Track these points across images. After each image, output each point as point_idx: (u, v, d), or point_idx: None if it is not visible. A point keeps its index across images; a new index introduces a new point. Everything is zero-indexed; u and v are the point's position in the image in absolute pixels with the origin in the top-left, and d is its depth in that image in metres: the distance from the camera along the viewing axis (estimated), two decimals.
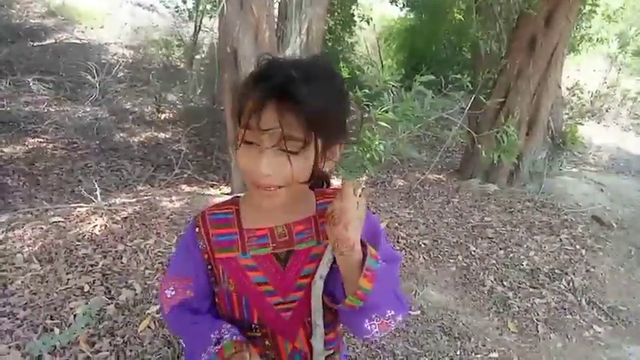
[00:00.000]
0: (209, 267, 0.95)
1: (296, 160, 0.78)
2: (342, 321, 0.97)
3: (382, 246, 0.94)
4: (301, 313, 0.94)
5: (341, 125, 0.86)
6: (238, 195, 1.03)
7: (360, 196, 0.85)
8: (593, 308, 3.15)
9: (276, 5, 4.42)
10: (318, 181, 0.99)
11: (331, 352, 0.99)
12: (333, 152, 0.87)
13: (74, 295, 2.58)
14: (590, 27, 7.93)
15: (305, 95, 0.74)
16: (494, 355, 2.60)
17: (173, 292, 0.96)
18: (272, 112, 0.75)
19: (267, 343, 0.96)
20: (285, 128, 0.75)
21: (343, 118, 0.86)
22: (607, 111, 9.02)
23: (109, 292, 2.66)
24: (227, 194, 4.23)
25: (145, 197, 3.95)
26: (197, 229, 0.94)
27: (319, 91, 0.76)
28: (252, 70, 0.84)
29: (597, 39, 8.10)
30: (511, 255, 3.74)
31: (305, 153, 0.78)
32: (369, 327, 0.88)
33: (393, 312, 0.89)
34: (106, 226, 3.34)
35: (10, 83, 6.13)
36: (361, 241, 0.85)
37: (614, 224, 4.50)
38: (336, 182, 0.99)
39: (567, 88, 8.09)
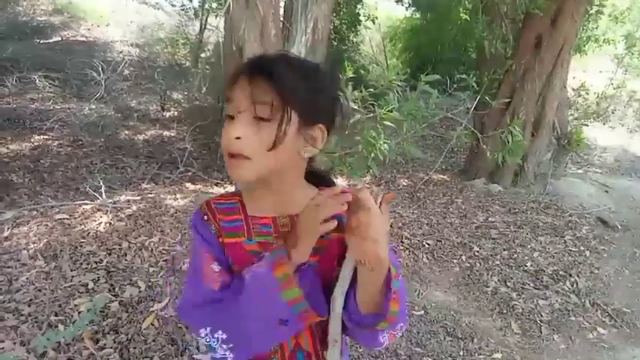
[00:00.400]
0: (224, 250, 0.94)
1: (264, 128, 0.82)
2: (353, 335, 0.95)
3: (390, 253, 0.93)
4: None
5: (321, 105, 0.88)
6: (238, 190, 1.04)
7: (381, 204, 0.79)
8: (597, 310, 3.14)
9: (282, 4, 4.42)
10: (319, 180, 1.01)
11: None
12: (313, 136, 0.88)
13: (78, 292, 2.60)
14: (596, 28, 7.89)
15: (277, 69, 0.81)
16: (498, 355, 2.60)
17: (220, 267, 0.92)
18: (245, 82, 0.82)
19: None
20: (255, 94, 0.81)
21: (322, 102, 0.88)
22: (613, 112, 8.97)
23: (113, 289, 2.67)
24: None
25: (150, 195, 3.96)
26: (205, 217, 0.95)
27: (294, 69, 0.83)
28: None
29: (604, 40, 8.06)
30: (515, 256, 3.72)
31: (274, 124, 0.82)
32: (381, 339, 0.90)
33: (402, 324, 0.91)
34: (110, 223, 3.35)
35: (16, 80, 6.16)
36: None
37: (618, 226, 4.48)
38: (340, 182, 0.99)
39: (573, 89, 8.05)
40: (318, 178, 1.01)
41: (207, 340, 0.87)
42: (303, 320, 0.86)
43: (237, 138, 0.82)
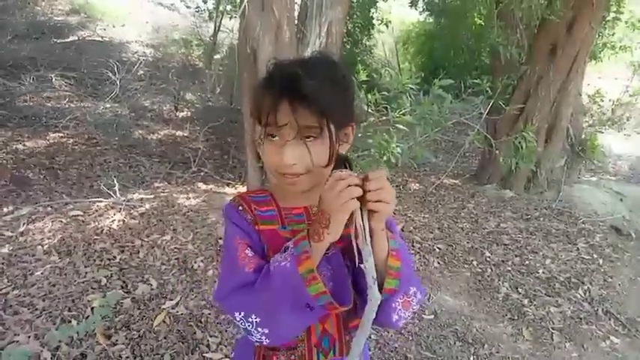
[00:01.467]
0: (260, 237, 0.98)
1: (314, 146, 0.89)
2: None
3: (394, 228, 1.03)
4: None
5: (348, 108, 0.95)
6: (263, 187, 1.09)
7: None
8: (610, 319, 3.11)
9: (297, 7, 4.43)
10: (341, 164, 1.03)
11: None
12: (346, 135, 0.97)
13: (92, 287, 2.63)
14: (613, 34, 7.80)
15: (312, 88, 0.83)
16: None
17: (252, 253, 0.95)
18: (285, 108, 0.85)
19: None
20: (300, 120, 0.85)
21: (349, 101, 0.95)
22: (628, 120, 8.85)
23: (126, 286, 2.70)
24: None
25: (162, 194, 4.00)
26: (240, 208, 1.00)
27: (324, 83, 0.86)
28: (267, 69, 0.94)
29: (620, 47, 7.97)
30: (527, 262, 3.70)
31: (321, 139, 0.89)
32: (394, 305, 0.93)
33: (415, 289, 0.96)
34: (123, 221, 3.38)
35: (33, 79, 6.24)
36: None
37: (632, 234, 4.43)
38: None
39: (588, 96, 7.96)
40: (339, 162, 1.03)
41: (243, 324, 0.90)
42: (328, 310, 0.89)
43: (293, 164, 0.89)
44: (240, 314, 0.90)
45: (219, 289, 0.97)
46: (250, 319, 0.89)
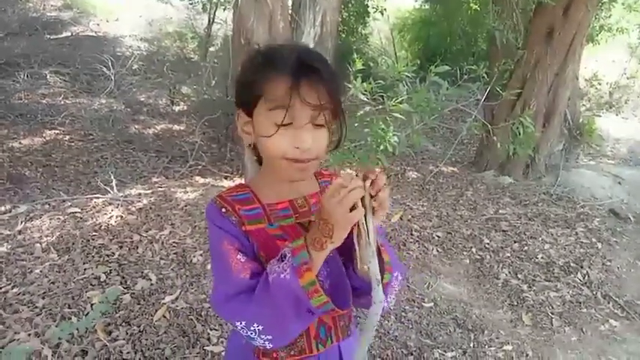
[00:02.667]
0: (248, 238, 0.94)
1: (325, 130, 0.89)
2: (362, 304, 0.97)
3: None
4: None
5: (343, 91, 0.95)
6: (242, 182, 1.07)
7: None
8: (609, 302, 3.12)
9: None
10: None
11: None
12: (346, 128, 0.97)
13: (91, 284, 2.64)
14: (609, 17, 7.75)
15: (326, 68, 0.84)
16: (508, 347, 2.59)
17: (245, 257, 0.92)
18: (308, 87, 0.82)
19: None
20: (322, 100, 0.84)
21: (342, 84, 0.96)
22: (626, 103, 8.82)
23: (125, 281, 2.70)
24: None
25: (160, 189, 3.99)
26: (223, 210, 0.94)
27: (329, 65, 0.87)
28: (249, 58, 0.92)
29: (617, 29, 7.92)
30: (526, 248, 3.70)
31: (331, 123, 0.89)
32: (387, 298, 0.93)
33: (397, 273, 0.97)
34: (121, 216, 3.38)
35: (27, 76, 6.21)
36: None
37: (631, 218, 4.43)
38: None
39: (585, 80, 7.94)
40: None
41: (244, 331, 0.88)
42: (329, 314, 0.89)
43: (309, 148, 0.86)
44: (241, 323, 0.88)
45: (215, 296, 0.94)
46: (252, 327, 0.87)
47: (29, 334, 2.20)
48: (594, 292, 3.20)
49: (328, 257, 0.87)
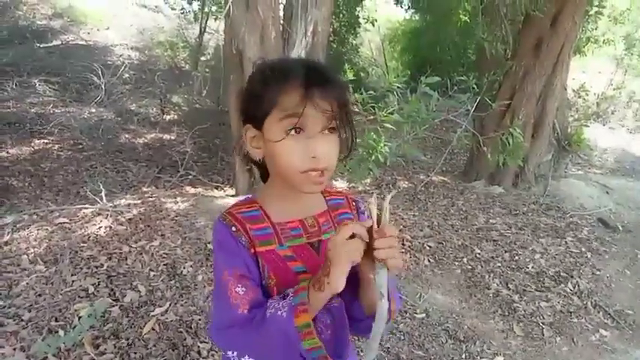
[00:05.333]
0: (256, 261, 0.92)
1: (335, 137, 0.89)
2: (360, 330, 0.98)
3: None
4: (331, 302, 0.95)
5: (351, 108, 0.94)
6: (248, 196, 1.04)
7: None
8: (599, 312, 3.13)
9: (282, 7, 4.42)
10: None
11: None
12: (355, 138, 0.96)
13: (79, 296, 2.59)
14: (596, 29, 7.89)
15: (334, 77, 0.86)
16: (500, 358, 2.59)
17: (245, 289, 0.89)
18: (321, 95, 0.82)
19: None
20: (334, 109, 0.85)
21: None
22: (613, 113, 8.97)
23: (114, 293, 2.66)
24: (232, 196, 4.24)
25: (150, 199, 3.95)
26: (233, 228, 0.92)
27: (337, 75, 0.89)
28: (258, 69, 0.91)
29: (603, 41, 8.06)
30: (516, 258, 3.71)
31: (341, 132, 0.90)
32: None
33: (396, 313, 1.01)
34: (110, 227, 3.34)
35: (16, 84, 6.17)
36: None
37: (620, 227, 4.47)
38: (340, 185, 1.02)
39: (573, 90, 8.04)
40: None
41: (213, 353, 0.89)
42: None
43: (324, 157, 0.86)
44: (233, 353, 0.88)
45: (213, 325, 0.93)
46: (244, 358, 0.87)
47: (14, 349, 2.15)
48: (584, 302, 3.21)
49: (332, 306, 0.88)
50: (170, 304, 2.63)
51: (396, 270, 0.84)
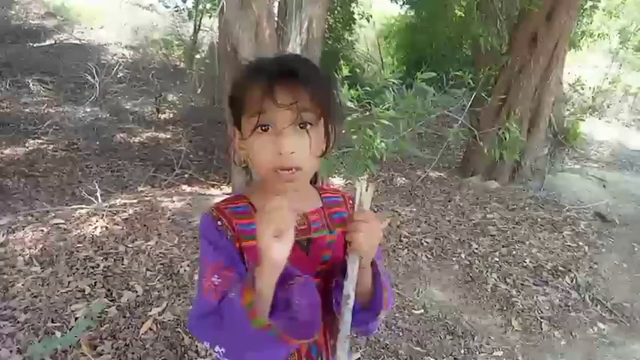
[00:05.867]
0: (242, 255, 0.91)
1: (312, 133, 0.84)
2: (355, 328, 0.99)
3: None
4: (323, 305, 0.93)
5: (336, 104, 0.91)
6: (239, 193, 1.02)
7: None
8: (597, 305, 3.14)
9: (276, 4, 4.40)
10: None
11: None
12: (330, 135, 0.91)
13: (75, 297, 2.57)
14: (591, 23, 7.89)
15: (306, 71, 0.81)
16: (499, 353, 2.59)
17: (220, 280, 0.88)
18: (284, 89, 0.79)
19: None
20: (300, 103, 0.80)
21: (334, 97, 0.90)
22: (608, 107, 9.00)
23: (111, 294, 2.65)
24: (228, 194, 4.22)
25: (146, 198, 3.94)
26: (219, 222, 0.91)
27: (312, 68, 0.84)
28: (238, 75, 0.89)
29: (598, 35, 8.07)
30: (514, 252, 3.72)
31: (316, 128, 0.85)
32: (374, 323, 1.00)
33: (390, 305, 1.01)
34: (106, 227, 3.32)
35: (9, 84, 6.13)
36: None
37: (616, 221, 4.48)
38: (337, 182, 1.00)
39: (569, 84, 8.05)
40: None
41: (211, 352, 0.87)
42: (287, 342, 0.82)
43: (292, 153, 0.82)
44: (207, 343, 0.86)
45: (190, 314, 0.92)
46: (217, 349, 0.84)
47: (11, 351, 2.14)
48: (582, 296, 3.21)
49: (303, 284, 0.84)
50: (167, 304, 2.61)
51: (360, 253, 0.86)
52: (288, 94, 0.79)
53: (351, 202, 1.06)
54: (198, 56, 8.28)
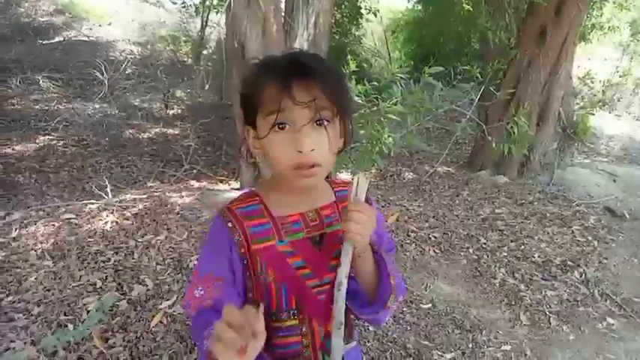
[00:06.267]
0: (245, 262, 0.93)
1: (329, 129, 0.85)
2: (365, 319, 1.04)
3: (386, 237, 1.08)
4: (333, 296, 0.95)
5: (350, 100, 0.92)
6: (252, 188, 1.03)
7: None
8: (606, 300, 3.12)
9: None
10: None
11: (353, 344, 1.04)
12: (346, 130, 0.92)
13: (87, 291, 2.61)
14: (601, 15, 7.80)
15: (321, 68, 0.81)
16: (507, 347, 2.59)
17: (202, 292, 0.92)
18: (300, 87, 0.79)
19: (303, 329, 0.98)
20: (318, 100, 0.80)
21: (348, 94, 0.91)
22: (619, 100, 8.88)
23: (121, 287, 2.68)
24: (236, 189, 4.24)
25: (155, 193, 3.97)
26: (229, 224, 0.93)
27: (327, 66, 0.85)
28: (249, 73, 0.88)
29: (609, 27, 7.97)
30: (522, 247, 3.71)
31: (334, 124, 0.86)
32: (387, 315, 1.01)
33: (401, 296, 1.01)
34: (117, 222, 3.36)
35: (20, 81, 6.18)
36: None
37: (626, 215, 4.45)
38: (344, 176, 1.01)
39: (578, 78, 7.98)
40: None
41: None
42: None
43: (312, 150, 0.83)
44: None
45: (187, 305, 0.98)
46: (199, 344, 0.90)
47: (25, 343, 2.18)
48: (591, 291, 3.20)
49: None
50: (177, 297, 2.64)
51: (354, 242, 0.87)
52: (305, 91, 0.79)
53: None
54: (205, 52, 8.30)
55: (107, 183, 3.81)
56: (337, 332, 0.91)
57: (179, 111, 6.71)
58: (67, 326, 2.31)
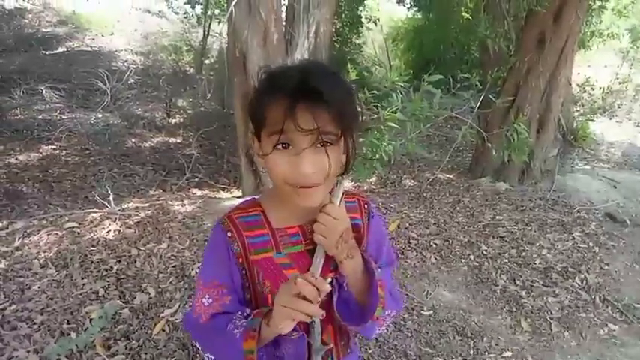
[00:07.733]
0: (243, 271, 0.95)
1: (331, 153, 0.82)
2: (356, 329, 1.04)
3: (387, 248, 1.08)
4: (329, 307, 0.97)
5: (357, 116, 0.89)
6: (254, 197, 1.04)
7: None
8: (607, 306, 3.12)
9: (284, 9, 4.45)
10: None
11: (330, 346, 1.04)
12: (355, 143, 0.92)
13: (90, 299, 2.63)
14: (600, 22, 7.85)
15: (330, 89, 0.78)
16: (508, 354, 2.59)
17: (210, 300, 0.93)
18: (305, 111, 0.77)
19: (300, 340, 0.99)
20: (320, 124, 0.78)
21: (356, 108, 0.88)
22: (619, 107, 8.90)
23: (124, 296, 2.70)
24: (238, 197, 4.26)
25: (157, 202, 3.99)
26: (229, 234, 0.94)
27: (336, 84, 0.81)
28: (260, 78, 0.87)
29: (608, 34, 8.02)
30: (523, 254, 3.71)
31: (337, 145, 0.84)
32: (377, 328, 1.02)
33: (390, 310, 1.02)
34: (119, 230, 3.38)
35: (23, 92, 6.24)
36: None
37: (627, 221, 4.45)
38: (345, 185, 1.02)
39: (578, 85, 8.01)
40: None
41: (202, 355, 0.97)
42: None
43: (312, 172, 0.82)
44: (199, 346, 0.99)
45: (186, 316, 1.01)
46: (207, 355, 0.96)
47: (28, 351, 2.19)
48: (592, 297, 3.20)
49: (295, 339, 0.93)
50: (179, 305, 2.66)
51: (321, 244, 0.90)
52: (309, 116, 0.77)
53: (366, 207, 1.07)
54: (207, 61, 8.36)
55: (110, 192, 3.84)
56: (313, 335, 0.97)
57: (181, 120, 6.76)
58: (69, 334, 2.33)
